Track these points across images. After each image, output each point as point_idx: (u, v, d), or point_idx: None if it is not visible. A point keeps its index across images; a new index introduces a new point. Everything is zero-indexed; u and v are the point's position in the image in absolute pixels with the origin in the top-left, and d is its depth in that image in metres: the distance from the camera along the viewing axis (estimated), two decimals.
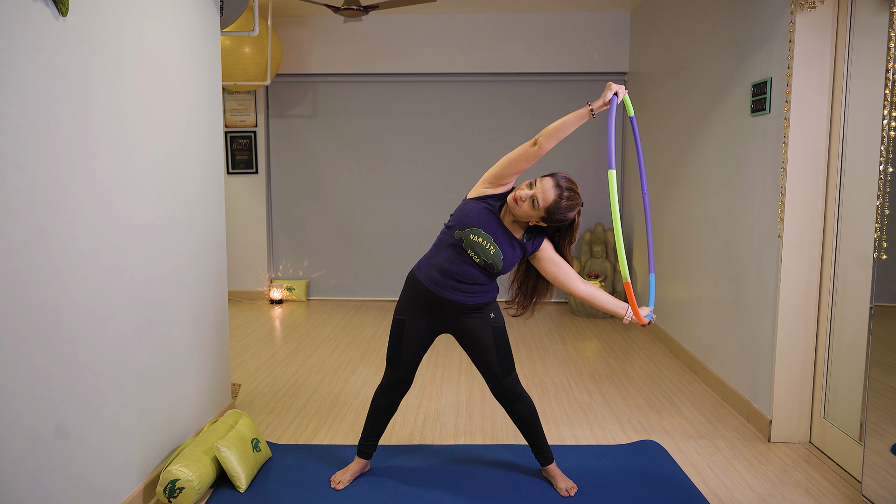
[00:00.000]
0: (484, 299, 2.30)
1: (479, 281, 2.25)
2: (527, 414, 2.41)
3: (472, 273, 2.23)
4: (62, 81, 1.78)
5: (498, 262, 2.21)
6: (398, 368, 2.39)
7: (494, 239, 2.20)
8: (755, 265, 3.12)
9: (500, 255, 2.20)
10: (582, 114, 2.08)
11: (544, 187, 2.13)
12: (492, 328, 2.32)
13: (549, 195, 2.12)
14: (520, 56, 5.74)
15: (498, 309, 2.37)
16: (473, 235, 2.20)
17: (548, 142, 2.12)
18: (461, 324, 2.32)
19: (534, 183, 2.16)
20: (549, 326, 5.11)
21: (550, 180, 2.15)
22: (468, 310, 2.29)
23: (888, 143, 2.15)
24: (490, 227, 2.21)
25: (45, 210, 1.72)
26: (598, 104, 2.05)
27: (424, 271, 2.30)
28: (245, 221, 6.01)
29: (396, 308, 2.38)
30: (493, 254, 2.20)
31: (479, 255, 2.20)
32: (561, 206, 2.13)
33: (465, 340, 2.36)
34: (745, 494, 2.44)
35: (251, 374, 3.83)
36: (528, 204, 2.14)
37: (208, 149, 2.80)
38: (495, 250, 2.20)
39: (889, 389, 2.21)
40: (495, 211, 2.24)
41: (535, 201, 2.13)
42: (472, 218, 2.21)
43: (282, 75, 5.82)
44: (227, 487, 2.44)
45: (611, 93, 2.03)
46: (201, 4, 2.73)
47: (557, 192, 2.12)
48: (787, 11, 2.82)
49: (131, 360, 2.18)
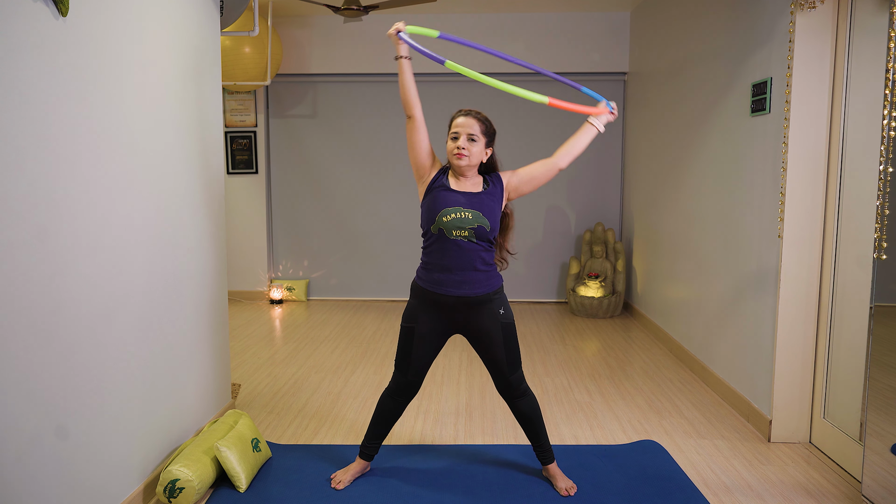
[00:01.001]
0: (490, 288, 2.29)
1: (480, 264, 2.26)
2: (530, 411, 2.41)
3: (471, 256, 2.24)
4: (62, 81, 1.78)
5: (482, 220, 2.22)
6: (407, 374, 2.38)
7: (463, 205, 2.22)
8: (755, 265, 3.12)
9: (479, 213, 2.22)
10: (401, 66, 2.18)
11: (463, 123, 2.23)
12: (501, 324, 2.32)
13: (472, 123, 2.24)
14: (520, 56, 5.74)
15: (507, 304, 2.36)
16: (445, 217, 2.21)
17: (413, 110, 2.22)
18: (471, 321, 2.31)
19: (456, 132, 2.23)
20: (549, 326, 5.11)
21: (461, 117, 2.25)
22: (477, 303, 2.28)
23: (888, 143, 2.15)
24: (451, 200, 2.23)
25: (45, 210, 1.72)
26: (401, 48, 2.17)
27: (425, 278, 2.31)
28: (245, 221, 6.00)
29: (404, 316, 2.38)
30: (472, 218, 2.21)
31: (464, 227, 2.21)
32: (484, 119, 2.26)
33: (474, 337, 2.35)
34: (745, 494, 2.44)
35: (251, 374, 3.83)
36: (469, 144, 2.21)
37: (208, 149, 2.80)
38: (472, 213, 2.21)
39: (889, 389, 2.21)
40: (445, 186, 2.27)
41: (472, 136, 2.21)
42: (434, 207, 2.24)
43: (282, 75, 5.82)
44: (227, 487, 2.44)
45: (392, 33, 2.16)
46: (201, 4, 2.73)
47: (472, 116, 2.25)
48: (787, 11, 2.82)
49: (131, 359, 2.18)
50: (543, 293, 6.07)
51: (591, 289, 5.43)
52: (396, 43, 2.18)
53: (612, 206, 5.99)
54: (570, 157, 2.29)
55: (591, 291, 5.42)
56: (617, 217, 5.99)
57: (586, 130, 2.30)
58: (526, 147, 5.68)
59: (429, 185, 2.29)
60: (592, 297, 5.39)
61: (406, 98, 2.21)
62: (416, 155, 2.29)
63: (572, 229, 6.02)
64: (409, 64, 2.19)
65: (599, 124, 2.29)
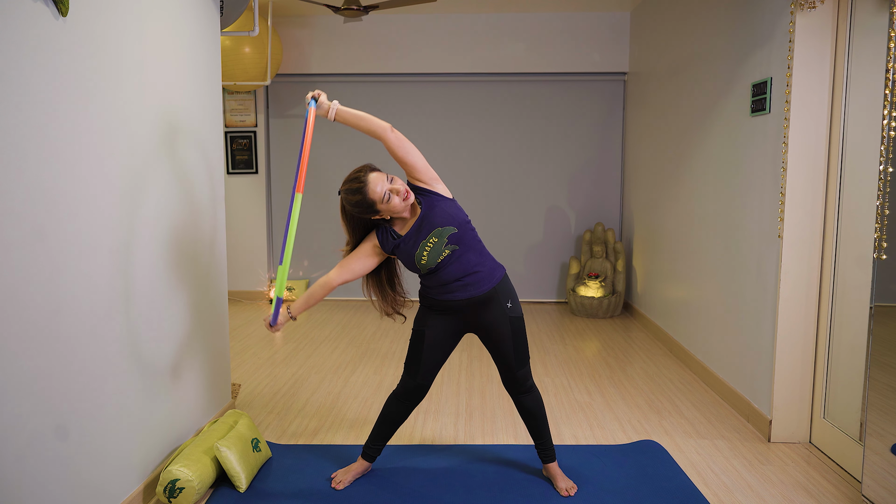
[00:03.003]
0: (494, 282, 2.29)
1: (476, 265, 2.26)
2: (535, 408, 2.41)
3: (463, 265, 2.24)
4: (62, 81, 1.78)
5: (448, 231, 2.19)
6: (416, 378, 2.38)
7: (423, 238, 2.21)
8: (755, 265, 3.12)
9: (439, 229, 2.19)
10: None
11: (375, 178, 2.16)
12: (510, 318, 2.31)
13: (381, 175, 2.17)
14: (520, 56, 5.74)
15: (514, 296, 2.35)
16: (423, 260, 2.22)
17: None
18: (481, 318, 2.31)
19: (382, 194, 2.16)
20: (549, 326, 5.11)
21: (367, 180, 2.16)
22: (486, 300, 2.28)
23: (888, 143, 2.15)
24: (411, 246, 2.23)
25: (44, 210, 1.72)
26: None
27: (431, 293, 2.33)
28: (245, 221, 6.01)
29: (415, 321, 2.39)
30: (438, 241, 2.20)
31: (440, 251, 2.20)
32: (370, 175, 2.17)
33: (484, 333, 2.36)
34: (745, 494, 2.44)
35: (251, 374, 3.83)
36: (397, 189, 2.16)
37: (208, 149, 2.80)
38: (435, 236, 2.20)
39: (889, 389, 2.21)
40: (396, 241, 2.26)
41: (393, 185, 2.16)
42: (409, 262, 2.26)
43: (282, 75, 5.82)
44: (227, 487, 2.44)
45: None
46: (201, 4, 2.73)
47: (374, 170, 2.20)
48: (787, 11, 2.82)
49: (131, 359, 2.18)
50: (543, 293, 6.07)
51: (592, 289, 5.43)
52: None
53: (612, 206, 5.99)
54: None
55: (592, 291, 5.42)
56: (617, 217, 5.99)
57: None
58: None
59: (390, 252, 2.29)
60: (592, 297, 5.39)
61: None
62: (369, 268, 2.31)
63: (572, 229, 6.02)
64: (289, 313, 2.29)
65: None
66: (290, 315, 2.27)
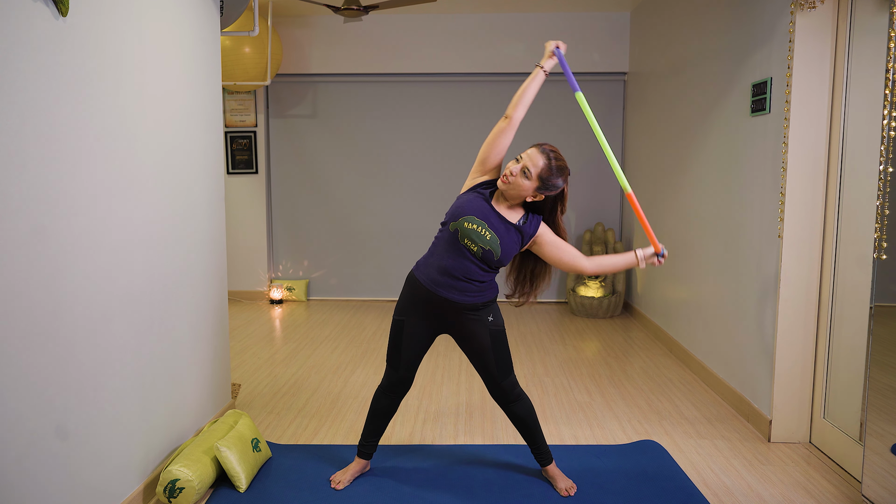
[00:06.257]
0: (481, 299, 2.28)
1: (477, 277, 2.24)
2: (525, 415, 2.41)
3: (469, 268, 2.22)
4: (62, 81, 1.78)
5: (495, 247, 2.19)
6: (398, 369, 2.38)
7: (489, 224, 2.20)
8: (755, 265, 3.12)
9: (497, 241, 2.19)
10: (535, 75, 2.24)
11: (531, 155, 2.18)
12: (490, 331, 2.31)
13: (539, 160, 2.17)
14: (520, 56, 5.74)
15: (497, 311, 2.35)
16: (467, 223, 2.19)
17: (515, 111, 2.23)
18: (459, 325, 2.31)
19: (520, 157, 2.19)
20: (549, 326, 5.11)
21: (535, 148, 2.20)
22: (466, 310, 2.27)
23: (888, 143, 2.15)
24: (483, 213, 2.21)
25: (44, 210, 1.72)
26: (545, 61, 2.25)
27: (423, 271, 2.30)
28: (245, 221, 6.01)
29: (396, 308, 2.38)
30: (489, 239, 2.19)
31: (476, 243, 2.19)
32: (552, 168, 2.17)
33: (463, 342, 2.35)
34: (745, 494, 2.44)
35: (251, 374, 3.83)
36: (520, 176, 2.16)
37: (208, 149, 2.80)
38: (491, 235, 2.19)
39: (889, 389, 2.21)
40: (486, 197, 2.25)
41: (527, 171, 2.16)
42: (464, 207, 2.23)
43: (282, 75, 5.82)
44: (227, 487, 2.44)
45: (551, 46, 2.24)
46: (201, 4, 2.73)
47: (545, 157, 2.18)
48: (787, 11, 2.82)
49: (131, 359, 2.18)
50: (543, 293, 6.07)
51: (591, 289, 5.43)
52: (548, 56, 2.24)
53: (612, 206, 5.99)
54: (596, 264, 2.29)
55: (591, 291, 5.43)
56: (617, 217, 5.99)
57: (626, 256, 2.28)
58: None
59: (476, 184, 2.29)
60: (592, 297, 5.39)
61: (519, 100, 2.22)
62: (489, 150, 2.27)
63: (572, 229, 6.02)
64: (543, 78, 2.25)
65: (641, 258, 2.27)
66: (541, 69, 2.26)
